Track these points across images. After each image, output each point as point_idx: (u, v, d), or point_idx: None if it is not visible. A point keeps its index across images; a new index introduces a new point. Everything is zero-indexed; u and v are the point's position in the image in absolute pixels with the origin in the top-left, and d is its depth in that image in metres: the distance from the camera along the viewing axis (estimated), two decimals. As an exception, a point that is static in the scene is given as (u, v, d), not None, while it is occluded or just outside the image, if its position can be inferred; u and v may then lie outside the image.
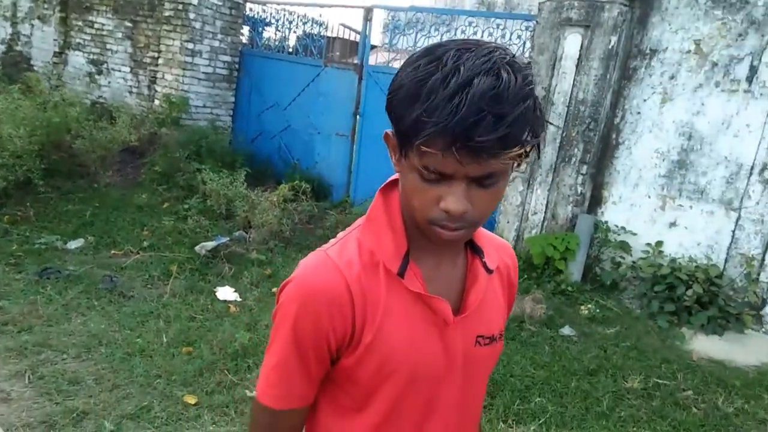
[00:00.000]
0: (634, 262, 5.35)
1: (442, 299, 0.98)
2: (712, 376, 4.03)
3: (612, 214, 5.54)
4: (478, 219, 0.89)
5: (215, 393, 3.26)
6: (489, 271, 1.06)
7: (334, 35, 8.26)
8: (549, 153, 5.56)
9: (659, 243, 5.29)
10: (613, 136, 5.54)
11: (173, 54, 7.21)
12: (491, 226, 6.08)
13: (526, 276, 5.22)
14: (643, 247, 5.34)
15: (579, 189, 5.46)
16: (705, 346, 4.61)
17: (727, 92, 5.05)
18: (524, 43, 6.28)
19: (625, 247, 5.38)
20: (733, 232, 5.04)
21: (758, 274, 4.93)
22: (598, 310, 4.86)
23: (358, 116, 7.02)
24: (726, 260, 5.06)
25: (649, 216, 5.40)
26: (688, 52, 5.18)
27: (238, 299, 4.48)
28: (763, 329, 4.91)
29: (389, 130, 0.93)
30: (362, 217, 1.05)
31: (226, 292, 4.57)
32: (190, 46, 7.16)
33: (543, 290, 4.99)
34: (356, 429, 1.02)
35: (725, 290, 4.98)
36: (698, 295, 4.83)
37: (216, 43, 7.46)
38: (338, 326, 0.94)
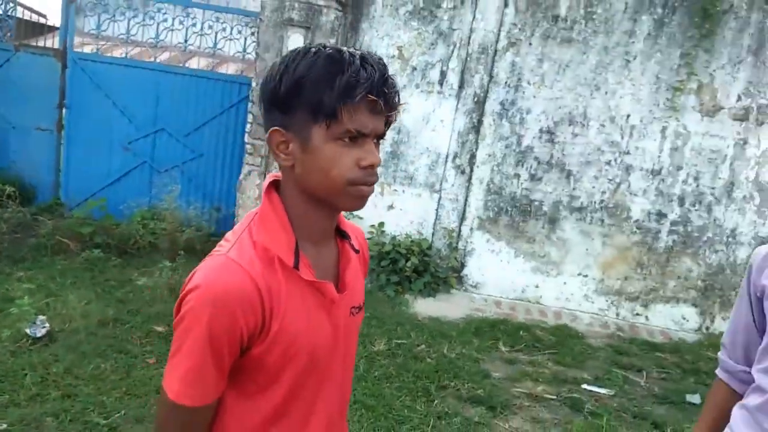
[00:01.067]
0: (361, 243, 5.99)
1: (329, 283, 1.13)
2: (435, 331, 4.83)
3: (340, 201, 6.09)
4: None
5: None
6: (356, 251, 1.24)
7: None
8: (281, 146, 5.83)
9: (381, 224, 6.02)
10: (337, 130, 6.07)
11: None
12: (230, 221, 6.12)
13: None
14: (369, 228, 6.01)
15: (311, 179, 5.86)
16: (424, 307, 5.45)
17: (425, 93, 5.99)
18: (245, 38, 6.42)
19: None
20: (437, 210, 6.04)
21: (457, 243, 6.02)
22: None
23: (64, 108, 6.26)
24: (433, 234, 6.04)
25: (371, 201, 6.03)
26: (393, 56, 5.98)
27: (-61, 329, 3.69)
28: (464, 288, 6.01)
29: (276, 128, 1.05)
30: (247, 217, 1.13)
31: None
32: None
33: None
34: (260, 410, 1.10)
35: (434, 259, 5.94)
36: (415, 266, 5.68)
37: None
38: (250, 321, 1.01)
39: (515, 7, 5.82)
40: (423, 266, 5.75)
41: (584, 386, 4.35)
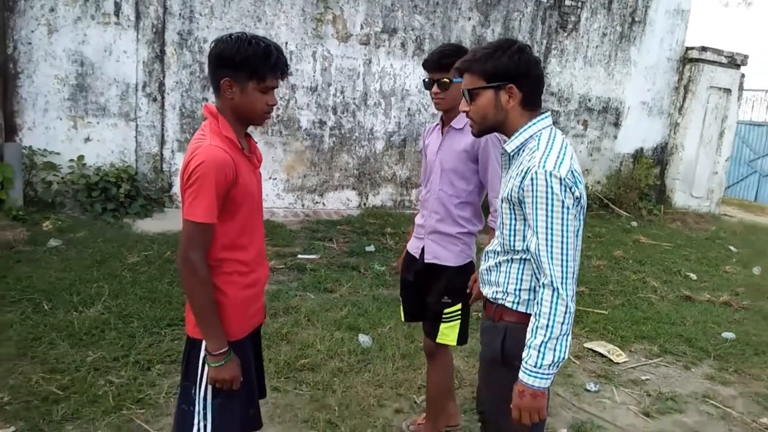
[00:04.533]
0: (63, 178, 6.00)
1: (253, 156, 2.02)
2: (166, 242, 5.45)
3: (32, 139, 5.89)
4: None
5: None
6: (256, 142, 2.14)
7: None
8: (-52, 86, 5.30)
9: (81, 157, 6.10)
10: (11, 66, 5.76)
11: None
12: None
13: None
14: (68, 163, 6.02)
15: (-6, 119, 5.53)
16: (147, 226, 5.94)
17: (102, 24, 6.11)
18: None
19: (52, 166, 5.92)
20: (136, 138, 6.39)
21: (161, 166, 6.53)
22: (59, 222, 5.41)
23: None
24: (137, 160, 6.41)
25: (65, 136, 6.06)
26: (61, -14, 5.89)
27: None
28: (175, 205, 6.62)
29: (227, 78, 1.84)
30: (205, 126, 1.90)
31: None
32: None
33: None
34: (231, 230, 1.94)
35: (143, 183, 6.37)
36: (127, 191, 6.05)
37: None
38: (231, 174, 1.84)
39: (181, -57, 6.33)
40: (135, 191, 6.15)
41: (299, 256, 5.69)
